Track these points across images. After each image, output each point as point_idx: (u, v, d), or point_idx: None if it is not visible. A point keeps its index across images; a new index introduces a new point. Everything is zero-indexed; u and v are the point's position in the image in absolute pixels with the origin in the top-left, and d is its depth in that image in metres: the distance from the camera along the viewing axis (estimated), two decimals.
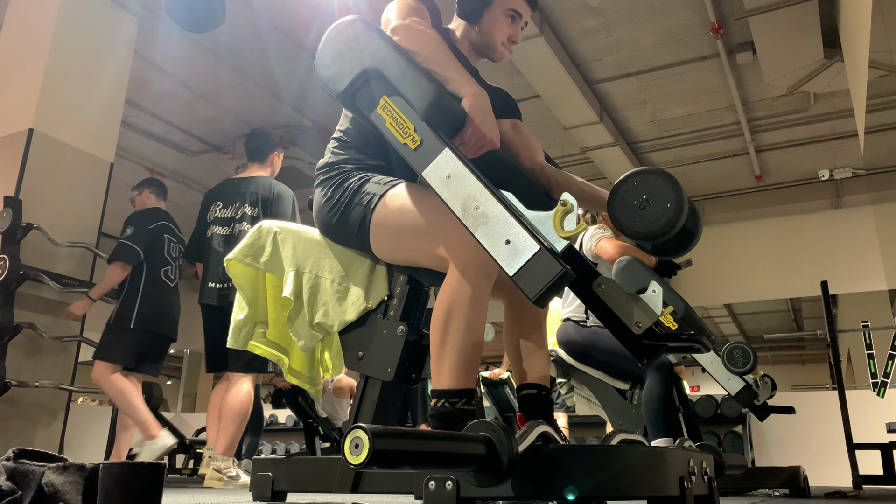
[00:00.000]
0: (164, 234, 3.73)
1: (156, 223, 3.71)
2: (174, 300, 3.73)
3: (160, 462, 0.89)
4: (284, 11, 4.87)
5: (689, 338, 1.47)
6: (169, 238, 3.74)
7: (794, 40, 4.82)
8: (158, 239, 3.68)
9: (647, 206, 1.37)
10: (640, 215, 1.37)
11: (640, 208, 1.38)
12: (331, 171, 1.61)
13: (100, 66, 4.19)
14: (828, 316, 4.56)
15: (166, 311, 3.66)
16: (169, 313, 3.68)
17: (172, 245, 3.75)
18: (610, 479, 1.13)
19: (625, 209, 1.39)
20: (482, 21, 1.69)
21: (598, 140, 6.40)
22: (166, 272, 3.68)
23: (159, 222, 3.74)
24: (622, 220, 1.40)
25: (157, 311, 3.61)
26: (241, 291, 1.72)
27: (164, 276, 3.68)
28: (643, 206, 1.37)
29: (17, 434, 3.56)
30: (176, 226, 3.85)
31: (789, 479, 2.99)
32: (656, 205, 1.36)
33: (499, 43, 1.70)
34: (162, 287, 3.66)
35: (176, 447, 4.01)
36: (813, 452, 5.45)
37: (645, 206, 1.37)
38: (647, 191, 1.37)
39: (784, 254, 7.78)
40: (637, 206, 1.38)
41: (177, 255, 3.76)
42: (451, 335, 1.33)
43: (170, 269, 3.71)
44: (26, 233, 3.61)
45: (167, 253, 3.70)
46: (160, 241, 3.68)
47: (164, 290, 3.67)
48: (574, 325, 2.94)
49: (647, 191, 1.38)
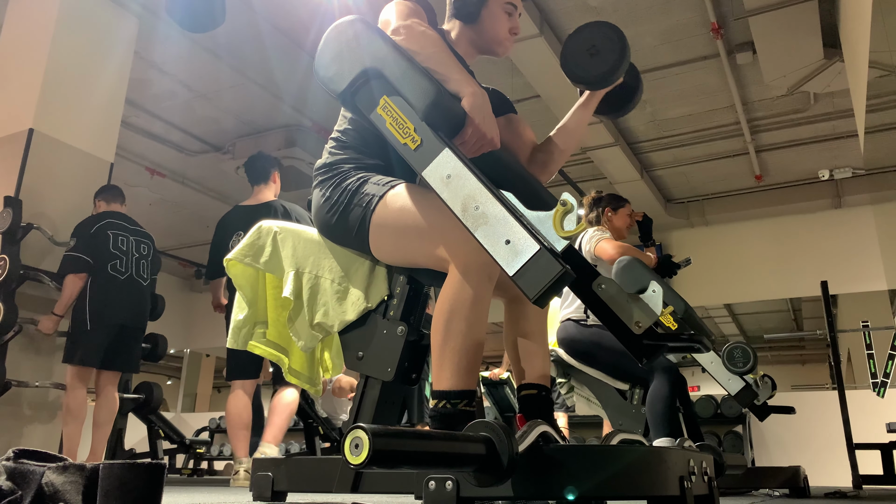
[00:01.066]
0: (108, 230, 3.62)
1: (97, 225, 3.62)
2: (132, 290, 3.63)
3: (160, 462, 0.89)
4: (284, 11, 4.87)
5: (689, 338, 1.47)
6: (115, 233, 3.64)
7: (794, 40, 4.82)
8: (101, 238, 3.58)
9: (597, 53, 1.63)
10: (592, 61, 1.63)
11: (591, 56, 1.63)
12: (329, 171, 1.61)
13: (100, 66, 4.19)
14: (828, 316, 4.57)
15: (122, 302, 3.57)
16: (127, 304, 3.60)
17: (121, 238, 3.66)
18: (610, 479, 1.13)
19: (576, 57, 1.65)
20: (481, 20, 1.69)
21: (598, 140, 6.40)
22: (114, 266, 3.57)
23: (101, 223, 3.64)
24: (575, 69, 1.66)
25: (112, 305, 3.53)
26: (241, 291, 1.72)
27: (113, 270, 3.57)
28: (593, 53, 1.63)
29: (17, 434, 3.56)
30: (126, 219, 3.75)
31: (789, 479, 2.99)
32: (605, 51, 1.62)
33: (501, 37, 1.71)
34: (110, 281, 3.55)
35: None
36: (813, 452, 5.46)
37: (594, 53, 1.63)
38: (596, 39, 1.63)
39: (784, 254, 7.79)
40: (588, 53, 1.64)
41: (128, 245, 3.67)
42: (452, 336, 1.33)
43: (118, 261, 3.60)
44: (26, 233, 3.61)
45: (114, 247, 3.61)
46: (103, 240, 3.58)
47: (113, 284, 3.56)
48: (575, 325, 2.93)
49: (595, 40, 1.63)
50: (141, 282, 3.69)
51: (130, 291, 3.61)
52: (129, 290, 3.61)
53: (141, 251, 3.72)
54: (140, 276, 3.68)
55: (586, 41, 1.64)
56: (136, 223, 3.81)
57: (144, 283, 3.71)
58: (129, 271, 3.63)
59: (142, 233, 3.79)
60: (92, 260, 3.52)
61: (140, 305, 3.67)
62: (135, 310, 3.63)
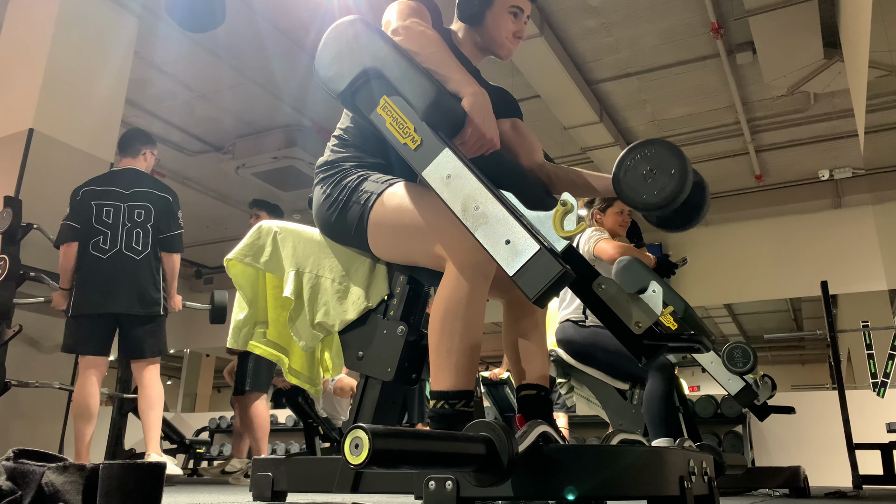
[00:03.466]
0: (92, 201, 3.24)
1: (82, 191, 3.26)
2: (117, 271, 3.18)
3: (160, 462, 0.89)
4: (284, 11, 4.87)
5: (689, 338, 1.47)
6: (99, 204, 3.24)
7: (794, 40, 4.82)
8: (84, 209, 3.23)
9: (653, 176, 1.39)
10: (647, 186, 1.40)
11: (646, 179, 1.40)
12: (330, 169, 1.62)
13: (100, 66, 4.19)
14: (828, 316, 4.56)
15: (99, 286, 3.17)
16: (104, 287, 3.16)
17: (107, 209, 3.23)
18: (610, 479, 1.13)
19: (631, 180, 1.42)
20: (485, 22, 1.69)
21: (598, 140, 6.40)
22: (96, 244, 3.18)
23: (85, 189, 3.27)
24: (628, 192, 1.43)
25: (89, 290, 3.16)
26: (241, 291, 1.72)
27: (94, 248, 3.19)
28: (649, 177, 1.40)
29: (17, 434, 3.56)
30: (124, 180, 3.31)
31: (789, 479, 2.99)
32: (661, 174, 1.38)
33: (504, 39, 1.70)
34: (91, 262, 3.18)
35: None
36: (813, 452, 5.45)
37: (650, 176, 1.39)
38: (653, 161, 1.39)
39: (784, 254, 7.78)
40: (643, 176, 1.40)
41: (117, 216, 3.24)
42: (450, 336, 1.33)
43: (102, 237, 3.19)
44: (26, 233, 3.61)
45: (97, 221, 3.21)
46: (87, 212, 3.22)
47: (94, 265, 3.18)
48: (573, 326, 2.93)
49: (652, 161, 1.39)
50: (132, 256, 3.21)
51: (114, 272, 3.17)
52: (113, 271, 3.17)
53: (136, 218, 3.26)
54: (132, 248, 3.22)
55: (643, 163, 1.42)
56: (140, 182, 3.34)
57: (137, 256, 3.22)
58: (115, 247, 3.20)
59: (141, 194, 3.30)
60: (80, 225, 3.22)
61: (131, 287, 3.18)
62: (113, 292, 3.16)
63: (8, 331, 3.38)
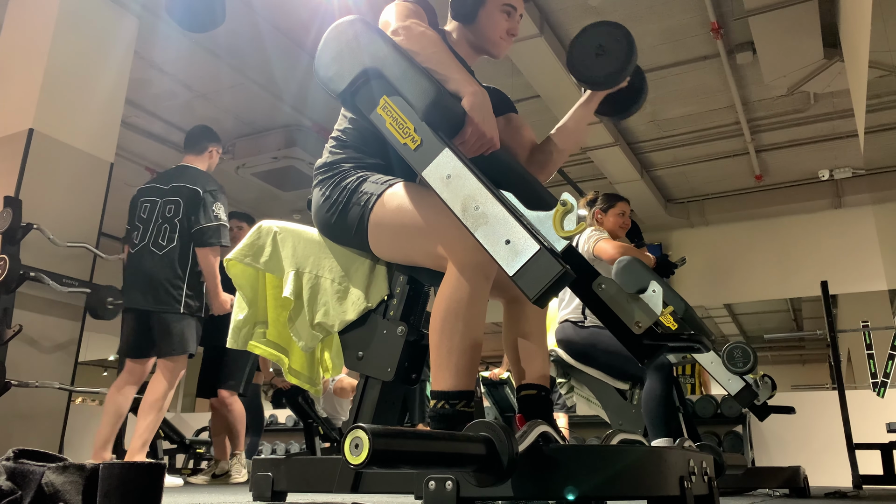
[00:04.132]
0: (139, 199, 3.33)
1: (135, 191, 3.37)
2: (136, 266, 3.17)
3: (160, 462, 0.89)
4: (284, 11, 4.87)
5: (689, 338, 1.47)
6: (143, 201, 3.30)
7: (794, 40, 4.81)
8: (132, 209, 3.34)
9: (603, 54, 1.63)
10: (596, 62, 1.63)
11: (596, 55, 1.63)
12: (329, 170, 1.62)
13: (100, 66, 4.19)
14: (828, 316, 4.56)
15: (125, 282, 3.24)
16: (125, 283, 3.22)
17: (146, 205, 3.28)
18: (610, 479, 1.13)
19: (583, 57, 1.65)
20: (478, 20, 1.69)
21: (598, 140, 6.40)
22: (132, 241, 3.25)
23: (138, 189, 3.38)
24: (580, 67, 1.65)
25: (126, 290, 3.24)
26: (241, 291, 1.72)
27: (132, 245, 3.26)
28: (599, 54, 1.63)
29: (17, 434, 3.56)
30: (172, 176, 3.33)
31: (789, 479, 2.99)
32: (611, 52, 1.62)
33: (498, 37, 1.71)
34: (128, 260, 3.28)
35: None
36: (813, 452, 5.45)
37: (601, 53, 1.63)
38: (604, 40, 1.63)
39: (784, 254, 7.78)
40: (595, 55, 1.63)
41: (152, 212, 3.24)
42: (450, 336, 1.33)
43: (136, 233, 3.24)
44: (26, 233, 3.60)
45: (137, 219, 3.27)
46: (133, 210, 3.33)
47: (128, 262, 3.28)
48: (573, 326, 2.93)
49: (603, 40, 1.63)
50: (155, 252, 3.16)
51: (136, 268, 3.17)
52: (136, 267, 3.17)
53: (166, 213, 3.21)
54: (157, 244, 3.17)
55: (593, 41, 1.64)
56: (181, 176, 3.31)
57: (160, 252, 3.15)
58: (143, 243, 3.19)
59: (176, 189, 3.25)
60: (129, 226, 3.32)
61: (145, 283, 3.12)
62: (136, 290, 3.14)
63: (8, 331, 3.37)
